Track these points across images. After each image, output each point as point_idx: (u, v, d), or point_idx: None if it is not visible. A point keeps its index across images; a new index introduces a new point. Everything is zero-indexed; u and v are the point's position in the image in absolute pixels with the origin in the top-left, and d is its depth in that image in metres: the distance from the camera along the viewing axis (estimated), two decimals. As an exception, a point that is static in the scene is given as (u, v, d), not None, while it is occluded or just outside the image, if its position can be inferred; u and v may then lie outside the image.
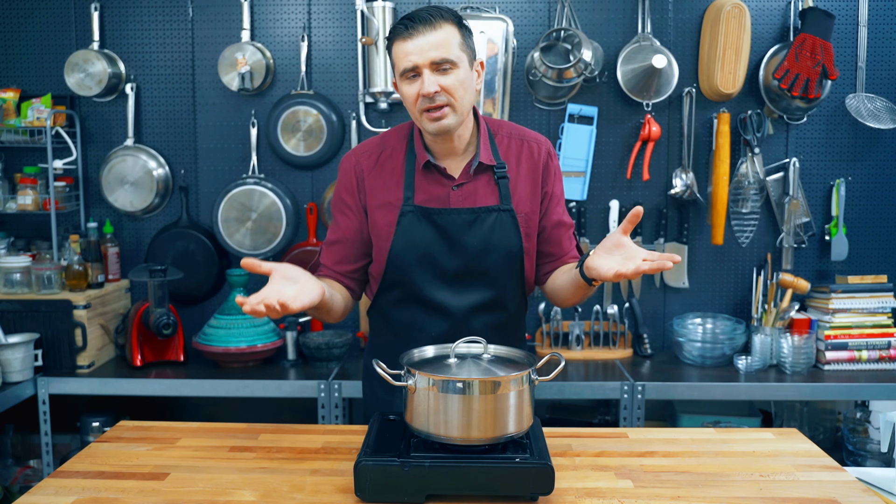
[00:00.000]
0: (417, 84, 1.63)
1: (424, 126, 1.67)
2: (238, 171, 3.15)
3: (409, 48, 1.61)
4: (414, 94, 1.63)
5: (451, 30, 1.63)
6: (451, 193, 1.73)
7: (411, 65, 1.62)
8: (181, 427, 1.75)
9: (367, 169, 1.77)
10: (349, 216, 1.79)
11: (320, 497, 1.39)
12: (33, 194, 3.01)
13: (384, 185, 1.76)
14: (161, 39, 3.13)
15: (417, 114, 1.66)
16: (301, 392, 2.74)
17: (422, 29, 1.61)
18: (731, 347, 2.90)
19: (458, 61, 1.63)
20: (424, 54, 1.60)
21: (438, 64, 1.61)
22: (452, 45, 1.62)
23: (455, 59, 1.62)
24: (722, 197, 2.97)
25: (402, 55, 1.63)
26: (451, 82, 1.62)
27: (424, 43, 1.60)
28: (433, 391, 1.37)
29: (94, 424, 2.93)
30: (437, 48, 1.60)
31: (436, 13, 1.63)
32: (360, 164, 1.78)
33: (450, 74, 1.62)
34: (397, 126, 1.84)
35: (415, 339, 1.71)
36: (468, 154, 1.76)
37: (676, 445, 1.65)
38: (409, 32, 1.61)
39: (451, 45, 1.62)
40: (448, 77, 1.62)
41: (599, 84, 3.05)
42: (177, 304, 3.03)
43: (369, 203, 1.76)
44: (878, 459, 2.71)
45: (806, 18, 2.89)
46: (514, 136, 1.80)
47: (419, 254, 1.73)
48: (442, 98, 1.62)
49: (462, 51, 1.64)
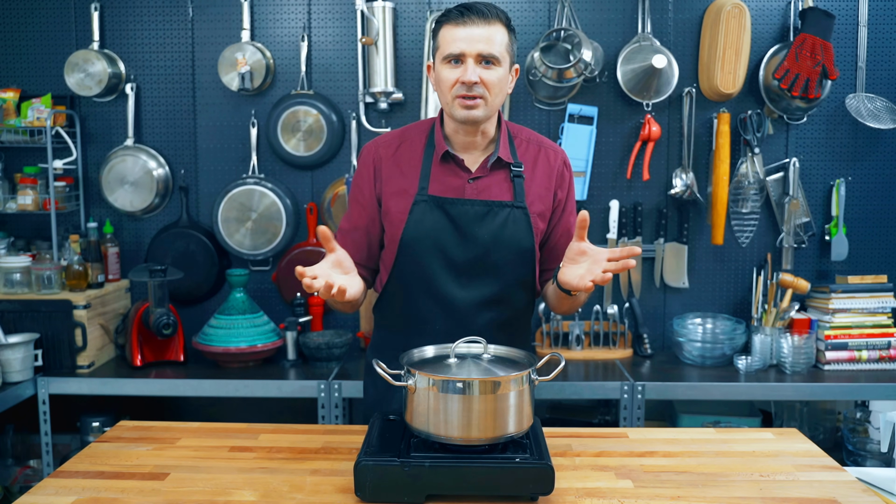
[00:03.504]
0: (459, 70, 1.66)
1: (454, 112, 1.70)
2: (238, 171, 3.15)
3: (460, 34, 1.65)
4: (453, 79, 1.67)
5: (501, 29, 1.68)
6: (467, 186, 1.75)
7: (458, 51, 1.65)
8: (181, 427, 1.75)
9: (385, 157, 1.80)
10: (364, 206, 1.81)
11: (320, 497, 1.39)
12: (33, 194, 3.01)
13: (401, 172, 1.78)
14: (161, 39, 3.13)
15: (450, 98, 1.69)
16: (301, 392, 2.74)
17: (476, 20, 1.65)
18: (731, 347, 2.90)
19: (502, 60, 1.67)
20: (473, 44, 1.64)
21: (484, 57, 1.65)
22: (500, 42, 1.67)
23: (499, 56, 1.66)
24: (722, 197, 2.97)
25: (450, 40, 1.66)
26: (492, 77, 1.66)
27: (476, 33, 1.64)
28: (433, 391, 1.37)
29: (94, 424, 2.93)
30: (486, 42, 1.65)
31: (492, 10, 1.68)
32: (379, 152, 1.81)
33: (492, 70, 1.66)
34: (420, 120, 1.87)
35: (419, 332, 1.72)
36: (487, 150, 1.78)
37: (676, 445, 1.65)
38: (463, 19, 1.65)
39: (498, 43, 1.66)
40: (490, 72, 1.66)
41: (599, 84, 3.05)
42: (177, 304, 3.03)
43: (385, 191, 1.78)
44: (878, 459, 2.71)
45: (806, 18, 2.89)
46: (533, 142, 1.83)
47: (430, 243, 1.74)
48: (479, 89, 1.66)
49: (507, 51, 1.69)
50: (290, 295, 3.11)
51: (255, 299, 3.08)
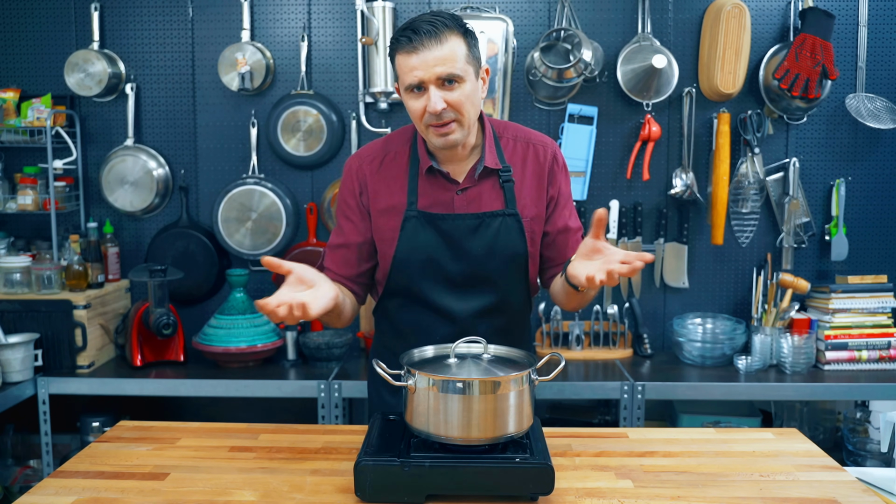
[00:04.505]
0: (423, 99, 1.58)
1: (431, 140, 1.64)
2: (238, 171, 3.15)
3: (414, 63, 1.55)
4: (420, 109, 1.59)
5: (456, 42, 1.57)
6: (456, 198, 1.71)
7: (416, 80, 1.56)
8: (181, 427, 1.75)
9: (370, 173, 1.75)
10: (353, 220, 1.77)
11: (320, 497, 1.39)
12: (33, 194, 3.01)
13: (388, 189, 1.73)
14: (161, 39, 3.13)
15: (423, 128, 1.63)
16: (301, 392, 2.74)
17: (427, 43, 1.54)
18: (731, 347, 2.90)
19: (465, 75, 1.58)
20: (430, 70, 1.54)
21: (444, 79, 1.56)
22: (459, 58, 1.56)
23: (461, 73, 1.57)
24: (722, 197, 2.97)
25: (406, 70, 1.57)
26: (458, 97, 1.57)
27: (430, 58, 1.54)
28: (433, 391, 1.37)
29: (94, 424, 2.93)
30: (444, 63, 1.54)
31: (440, 24, 1.56)
32: (363, 168, 1.76)
33: (456, 90, 1.57)
34: (401, 128, 1.81)
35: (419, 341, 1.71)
36: (473, 158, 1.73)
37: (676, 445, 1.64)
38: (413, 46, 1.55)
39: (457, 59, 1.56)
40: (454, 93, 1.57)
41: (599, 84, 3.05)
42: (177, 304, 3.03)
43: (373, 207, 1.74)
44: (878, 459, 2.71)
45: (806, 18, 2.89)
46: (520, 139, 1.77)
47: (423, 259, 1.71)
48: (449, 114, 1.58)
49: (468, 63, 1.59)
50: (290, 295, 3.10)
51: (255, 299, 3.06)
